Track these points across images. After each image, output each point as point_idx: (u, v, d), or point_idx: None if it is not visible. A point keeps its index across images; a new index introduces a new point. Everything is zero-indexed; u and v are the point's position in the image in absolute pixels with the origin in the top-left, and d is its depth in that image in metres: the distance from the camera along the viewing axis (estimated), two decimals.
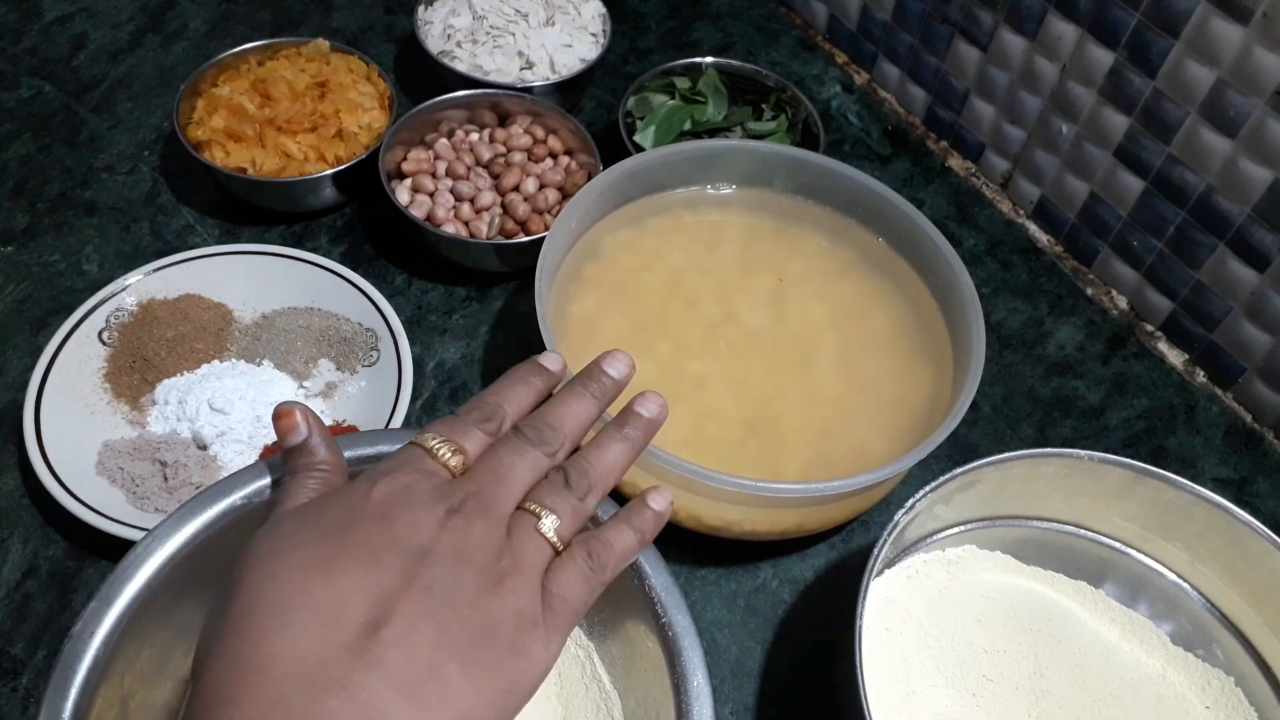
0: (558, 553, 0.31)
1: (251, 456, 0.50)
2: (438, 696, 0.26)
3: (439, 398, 0.56)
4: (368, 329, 0.55)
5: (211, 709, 0.25)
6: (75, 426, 0.50)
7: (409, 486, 0.30)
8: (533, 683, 0.29)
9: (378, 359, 0.54)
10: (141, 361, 0.53)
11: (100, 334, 0.53)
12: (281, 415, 0.33)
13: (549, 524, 0.31)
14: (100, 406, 0.52)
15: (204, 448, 0.50)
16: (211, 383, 0.51)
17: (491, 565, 0.29)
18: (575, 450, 0.34)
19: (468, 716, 0.27)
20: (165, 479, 0.49)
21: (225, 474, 0.49)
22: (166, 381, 0.52)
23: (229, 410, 0.50)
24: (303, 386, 0.54)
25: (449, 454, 0.31)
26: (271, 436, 0.51)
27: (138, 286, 0.55)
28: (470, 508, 0.30)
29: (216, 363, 0.53)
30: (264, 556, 0.28)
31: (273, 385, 0.52)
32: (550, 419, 0.33)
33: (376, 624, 0.26)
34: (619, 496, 0.37)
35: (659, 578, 0.38)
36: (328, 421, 0.53)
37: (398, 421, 0.51)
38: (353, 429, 0.52)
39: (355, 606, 0.27)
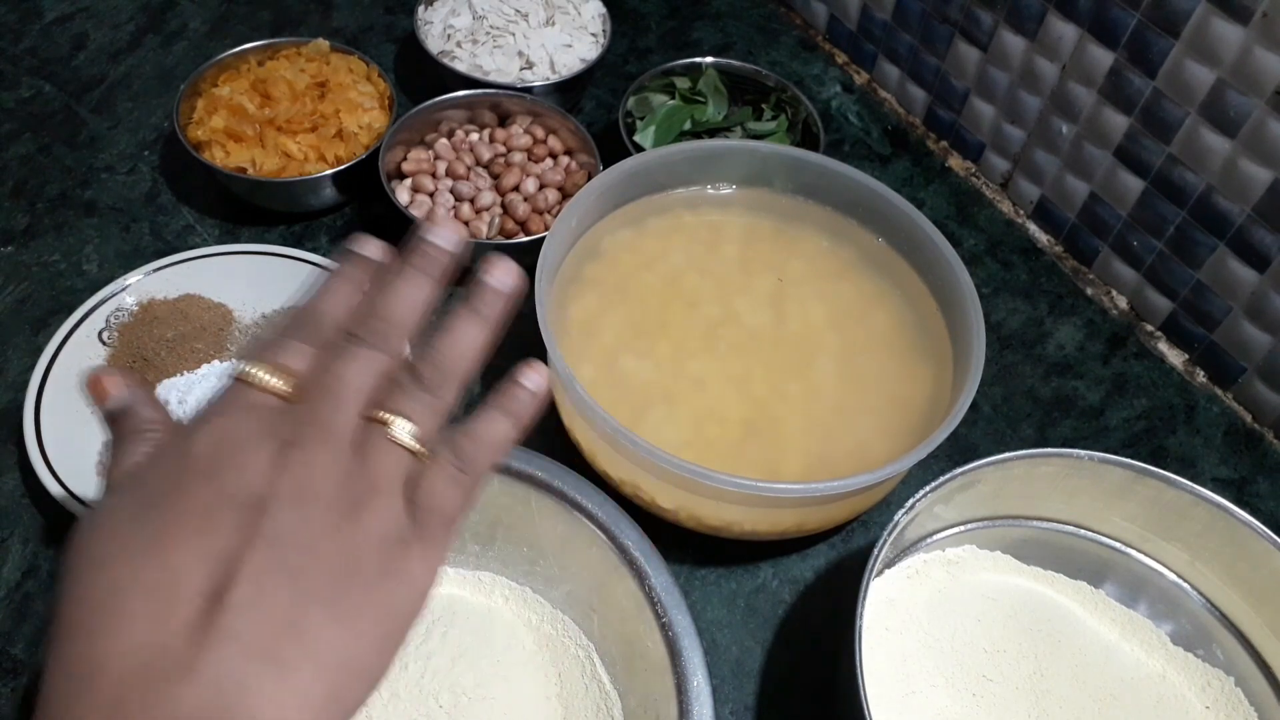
0: (419, 459, 0.28)
1: None
2: (304, 651, 0.24)
3: None
4: None
5: None
6: (76, 426, 0.50)
7: (231, 429, 0.26)
8: (415, 603, 0.27)
9: None
10: (141, 361, 0.53)
11: (100, 334, 0.53)
12: (93, 384, 0.30)
13: (402, 430, 0.27)
14: None
15: None
16: (212, 383, 0.51)
17: (341, 493, 0.26)
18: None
19: (348, 659, 0.25)
20: None
21: None
22: (167, 381, 0.52)
23: None
24: None
25: (268, 377, 0.27)
26: None
27: (138, 286, 0.55)
28: (306, 435, 0.26)
29: (217, 363, 0.53)
30: (88, 545, 0.25)
31: None
32: (380, 310, 0.29)
33: (219, 592, 0.24)
34: (630, 510, 0.36)
35: (659, 578, 0.38)
36: None
37: None
38: None
39: (192, 579, 0.24)
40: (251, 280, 0.56)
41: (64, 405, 0.50)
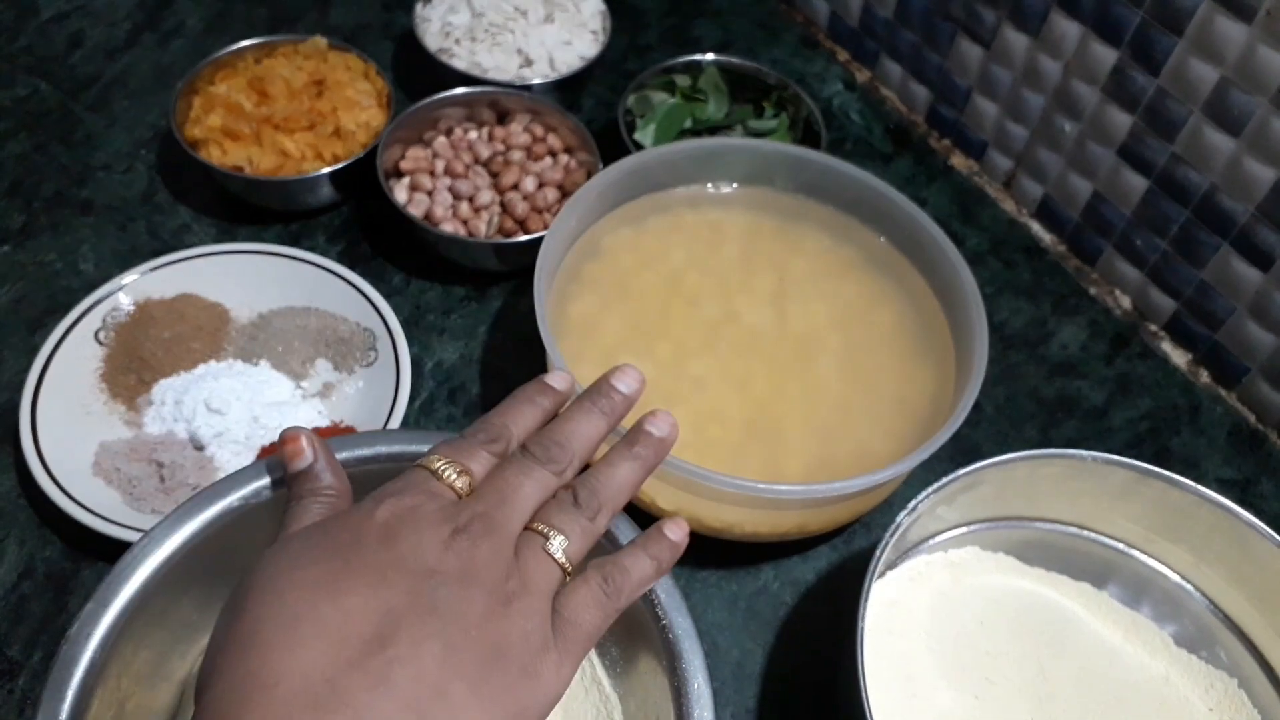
0: (566, 574, 0.31)
1: (248, 457, 0.50)
2: (445, 716, 0.26)
3: (437, 398, 0.56)
4: (365, 329, 0.55)
5: None
6: (71, 427, 0.50)
7: (414, 508, 0.30)
8: (543, 707, 0.29)
9: (376, 359, 0.54)
10: (138, 361, 0.52)
11: (96, 334, 0.53)
12: (287, 441, 0.33)
13: (557, 544, 0.30)
14: (96, 407, 0.51)
15: (201, 448, 0.50)
16: (208, 383, 0.51)
17: (499, 586, 0.29)
18: (584, 469, 0.34)
19: None
20: (162, 480, 0.49)
21: (222, 475, 0.49)
22: (163, 382, 0.52)
23: (226, 411, 0.50)
24: (300, 387, 0.53)
25: (454, 475, 0.31)
26: (269, 437, 0.51)
27: (134, 286, 0.54)
28: (476, 528, 0.29)
29: (213, 363, 0.53)
30: (271, 575, 0.28)
31: (270, 385, 0.52)
32: (558, 436, 0.33)
33: (383, 642, 0.26)
34: (630, 511, 0.36)
35: (659, 579, 0.38)
36: (325, 422, 0.52)
37: (395, 422, 0.50)
38: (350, 430, 0.52)
39: (362, 624, 0.26)
40: (248, 280, 0.56)
41: (60, 406, 0.50)
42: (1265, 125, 0.52)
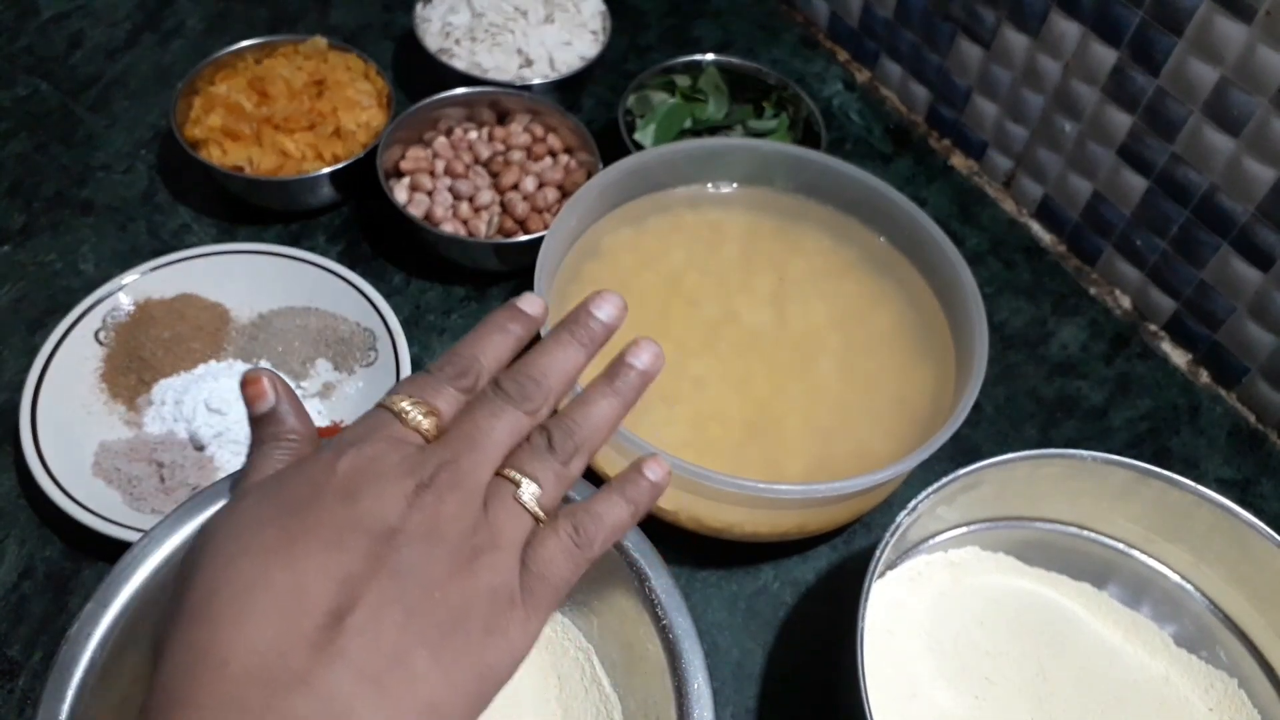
0: (539, 523, 0.29)
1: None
2: (406, 686, 0.25)
3: None
4: (365, 329, 0.55)
5: (166, 708, 0.24)
6: (72, 427, 0.50)
7: (376, 458, 0.28)
8: (509, 666, 0.27)
9: (376, 359, 0.54)
10: (138, 361, 0.52)
11: (96, 334, 0.53)
12: (248, 382, 0.31)
13: (529, 492, 0.29)
14: (97, 407, 0.51)
15: (201, 448, 0.50)
16: (208, 383, 0.51)
17: (464, 541, 0.27)
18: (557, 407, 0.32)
19: (439, 704, 0.25)
20: (162, 480, 0.49)
21: (222, 475, 0.49)
22: (163, 382, 0.52)
23: (226, 411, 0.50)
24: (300, 387, 0.53)
25: (420, 417, 0.29)
26: None
27: (134, 286, 0.54)
28: (442, 480, 0.27)
29: (213, 363, 0.53)
30: (223, 538, 0.27)
31: None
32: (532, 371, 0.30)
33: (340, 612, 0.25)
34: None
35: (659, 580, 0.38)
36: (324, 422, 0.52)
37: None
38: None
39: (318, 593, 0.25)
40: (248, 280, 0.56)
41: (60, 406, 0.50)
42: (1265, 125, 0.52)
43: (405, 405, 0.29)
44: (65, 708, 0.31)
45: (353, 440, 0.28)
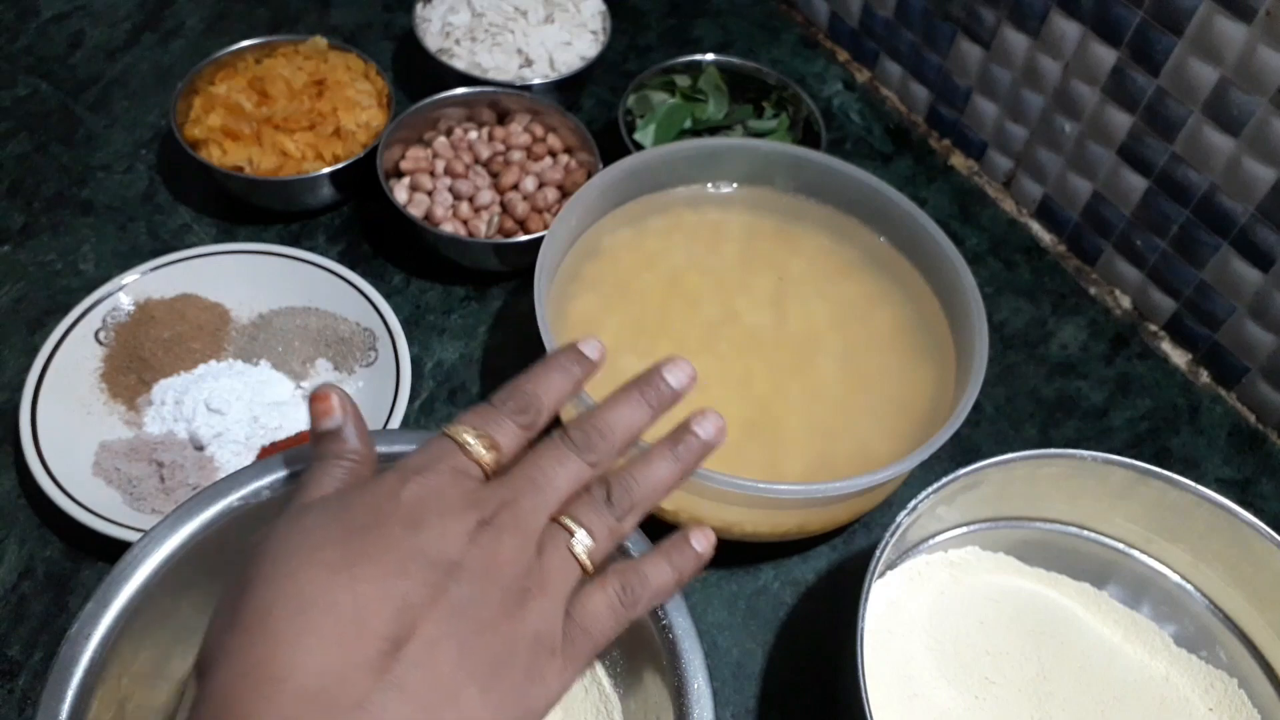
0: (586, 574, 0.30)
1: (248, 457, 0.50)
2: None
3: (437, 398, 0.56)
4: (366, 329, 0.55)
5: (221, 718, 0.24)
6: (72, 427, 0.50)
7: (439, 489, 0.28)
8: (544, 711, 0.28)
9: (376, 359, 0.54)
10: (138, 361, 0.52)
11: (97, 334, 0.53)
12: (318, 398, 0.31)
13: (582, 544, 0.29)
14: (97, 407, 0.51)
15: (201, 448, 0.50)
16: (208, 383, 0.51)
17: (517, 584, 0.27)
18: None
19: None
20: (162, 480, 0.49)
21: (222, 475, 0.49)
22: (163, 382, 0.52)
23: (226, 411, 0.50)
24: (300, 387, 0.53)
25: (483, 450, 0.29)
26: (269, 437, 0.51)
27: (134, 286, 0.54)
28: (503, 520, 0.28)
29: (214, 363, 0.53)
30: (283, 551, 0.27)
31: (270, 386, 0.52)
32: (599, 424, 0.31)
33: (399, 640, 0.25)
34: None
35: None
36: None
37: (395, 422, 0.50)
38: None
39: (378, 618, 0.25)
40: (249, 280, 0.56)
41: (60, 406, 0.50)
42: (1265, 125, 0.52)
43: (468, 437, 0.30)
44: (65, 708, 0.31)
45: (417, 468, 0.29)
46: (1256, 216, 0.54)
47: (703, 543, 0.32)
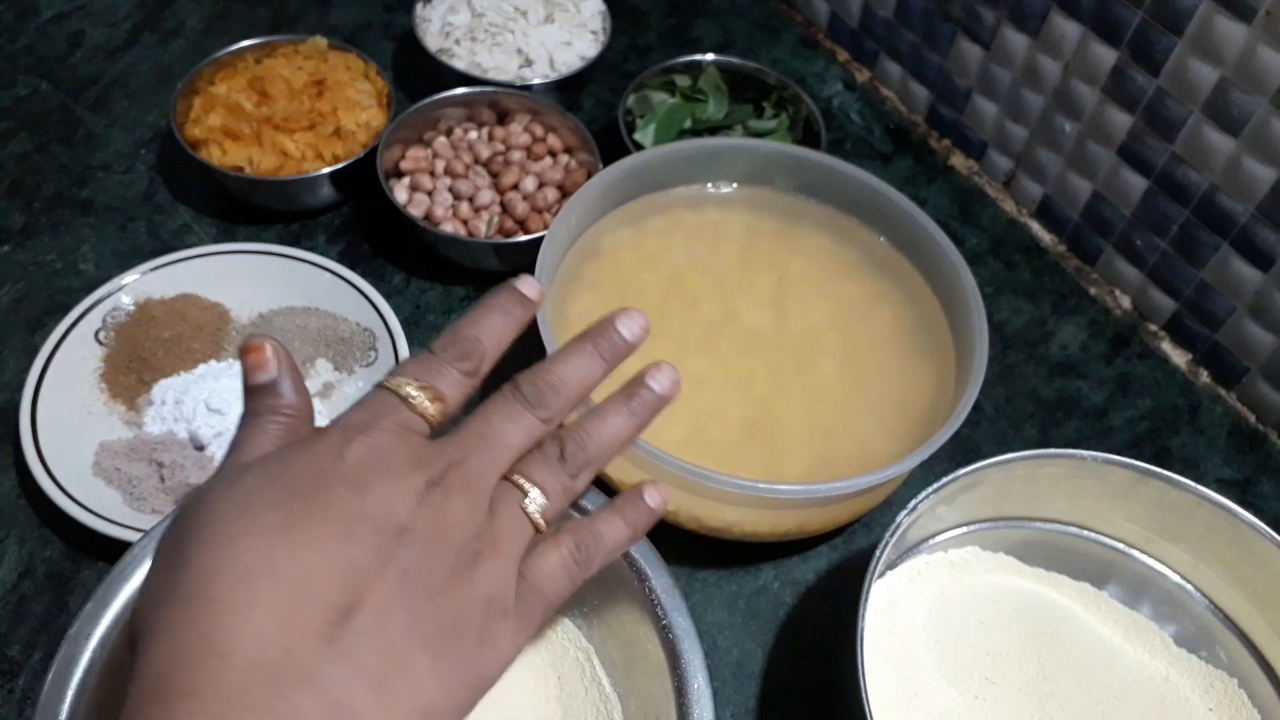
0: (537, 532, 0.29)
1: None
2: (407, 690, 0.25)
3: None
4: (366, 329, 0.55)
5: (164, 695, 0.23)
6: (72, 427, 0.50)
7: (384, 449, 0.27)
8: (496, 675, 0.27)
9: (376, 359, 0.54)
10: (138, 361, 0.52)
11: (97, 334, 0.53)
12: (250, 350, 0.29)
13: (535, 503, 0.28)
14: (97, 407, 0.51)
15: (201, 448, 0.50)
16: (208, 383, 0.51)
17: (468, 546, 0.27)
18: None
19: (433, 710, 0.25)
20: (162, 480, 0.49)
21: None
22: (163, 382, 0.52)
23: (226, 411, 0.50)
24: None
25: (427, 402, 0.28)
26: None
27: (134, 286, 0.54)
28: (452, 479, 0.27)
29: (214, 363, 0.53)
30: (222, 516, 0.25)
31: None
32: (551, 378, 0.30)
33: (348, 609, 0.24)
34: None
35: (659, 580, 0.38)
36: (325, 423, 0.52)
37: None
38: None
39: (325, 586, 0.24)
40: (249, 280, 0.56)
41: (60, 406, 0.50)
42: (1265, 125, 0.52)
43: (410, 390, 0.28)
44: (65, 708, 0.31)
45: (360, 426, 0.28)
46: (1256, 216, 0.54)
47: (656, 498, 0.32)
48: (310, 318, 0.55)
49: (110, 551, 0.46)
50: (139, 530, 0.45)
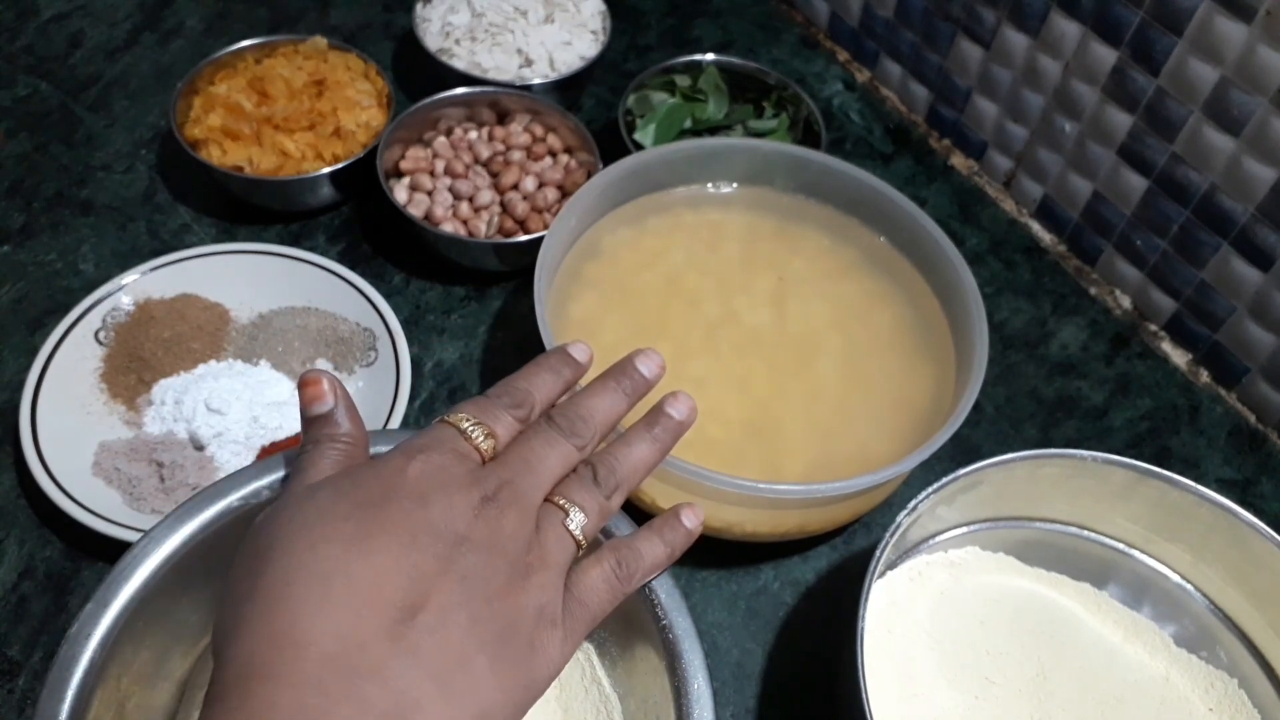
0: (580, 549, 0.31)
1: (248, 457, 0.50)
2: (467, 688, 0.26)
3: (437, 398, 0.56)
4: (365, 329, 0.55)
5: (245, 681, 0.25)
6: (72, 427, 0.50)
7: (444, 468, 0.29)
8: (547, 682, 0.29)
9: (376, 359, 0.54)
10: (138, 362, 0.52)
11: (96, 334, 0.53)
12: (307, 383, 0.32)
13: (576, 520, 0.31)
14: (96, 407, 0.51)
15: (201, 448, 0.50)
16: (208, 383, 0.51)
17: (520, 557, 0.29)
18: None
19: (490, 710, 0.27)
20: (162, 480, 0.49)
21: (222, 474, 0.49)
22: (163, 382, 0.52)
23: (226, 411, 0.50)
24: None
25: (481, 437, 0.31)
26: (269, 437, 0.51)
27: (134, 286, 0.54)
28: (504, 497, 0.29)
29: (213, 363, 0.53)
30: (300, 526, 0.28)
31: (270, 386, 0.52)
32: (582, 411, 0.33)
33: (413, 609, 0.26)
34: (629, 510, 0.37)
35: (659, 580, 0.38)
36: None
37: (395, 422, 0.50)
38: None
39: (393, 588, 0.26)
40: (248, 280, 0.56)
41: (60, 406, 0.50)
42: (1265, 125, 0.52)
43: (468, 425, 0.31)
44: (65, 708, 0.31)
45: (420, 448, 0.30)
46: (1256, 216, 0.54)
47: (693, 519, 0.34)
48: (310, 318, 0.55)
49: (110, 552, 0.46)
50: (139, 530, 0.45)
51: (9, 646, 0.45)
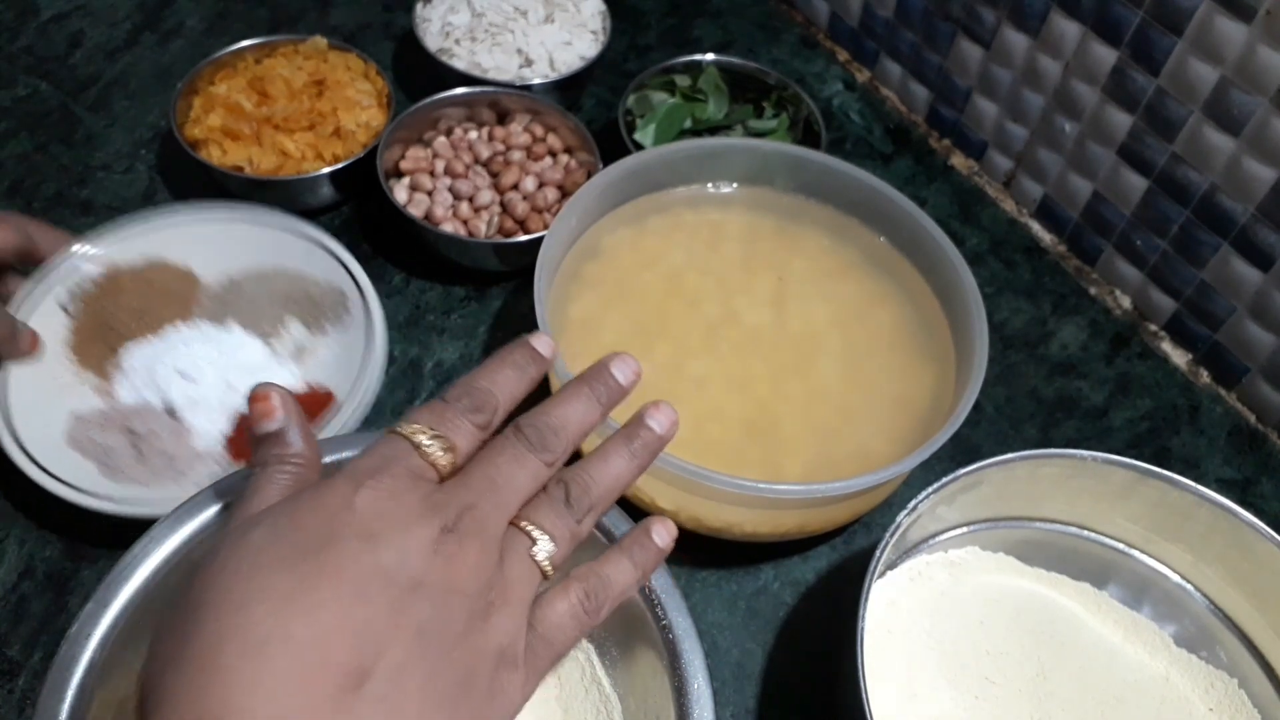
0: (545, 579, 0.29)
1: (224, 423, 0.49)
2: None
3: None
4: (336, 289, 0.54)
5: None
6: (42, 400, 0.48)
7: (396, 495, 0.26)
8: None
9: (347, 317, 0.53)
10: (108, 330, 0.51)
11: (63, 305, 0.51)
12: (257, 398, 0.30)
13: (544, 550, 0.28)
14: (67, 378, 0.50)
15: (175, 416, 0.49)
16: (180, 349, 0.50)
17: (481, 595, 0.26)
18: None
19: None
20: (137, 449, 0.48)
21: (197, 440, 0.49)
22: (134, 349, 0.51)
23: (199, 377, 0.49)
24: (272, 349, 0.52)
25: (439, 451, 0.28)
26: (243, 402, 0.50)
27: (99, 255, 0.53)
28: (465, 525, 0.27)
29: (184, 329, 0.52)
30: (231, 578, 0.24)
31: (242, 349, 0.51)
32: (552, 421, 0.30)
33: (362, 673, 0.24)
34: (630, 511, 0.36)
35: (659, 579, 0.38)
36: (299, 385, 0.52)
37: (371, 383, 0.50)
38: (328, 394, 0.51)
39: (339, 649, 0.24)
40: (216, 244, 0.54)
41: (29, 379, 0.49)
42: (1265, 125, 0.52)
43: (424, 439, 0.28)
44: (65, 708, 0.31)
45: (369, 471, 0.27)
46: (1256, 216, 0.54)
47: (664, 537, 0.32)
48: (279, 280, 0.54)
49: (110, 544, 0.46)
50: (111, 499, 0.45)
51: (9, 646, 0.45)
